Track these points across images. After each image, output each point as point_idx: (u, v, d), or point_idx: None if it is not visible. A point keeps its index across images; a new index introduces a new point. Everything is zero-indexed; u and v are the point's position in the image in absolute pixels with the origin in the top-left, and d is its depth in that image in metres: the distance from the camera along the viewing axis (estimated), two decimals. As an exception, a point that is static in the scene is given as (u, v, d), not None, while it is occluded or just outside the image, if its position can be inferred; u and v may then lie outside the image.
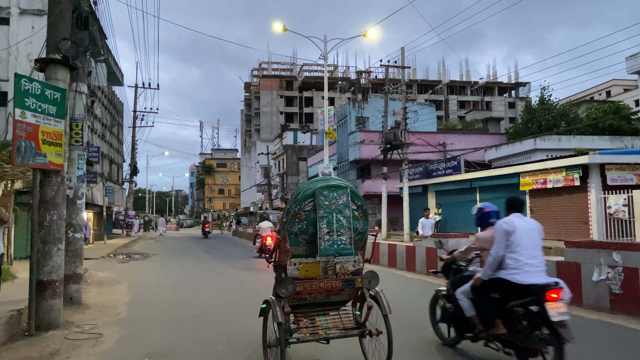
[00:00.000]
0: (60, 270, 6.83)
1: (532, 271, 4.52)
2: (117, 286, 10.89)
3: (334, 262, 4.48)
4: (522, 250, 4.56)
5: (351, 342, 4.90)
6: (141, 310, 7.97)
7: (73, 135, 8.50)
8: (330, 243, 4.42)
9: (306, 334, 4.45)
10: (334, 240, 4.43)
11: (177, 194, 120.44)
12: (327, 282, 4.50)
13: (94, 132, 26.92)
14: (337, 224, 4.44)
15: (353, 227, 4.51)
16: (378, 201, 32.02)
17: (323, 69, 72.11)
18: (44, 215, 6.72)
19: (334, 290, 4.57)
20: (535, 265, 4.56)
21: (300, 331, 4.46)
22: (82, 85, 8.60)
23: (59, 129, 6.75)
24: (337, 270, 4.51)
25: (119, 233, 36.11)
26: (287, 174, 53.22)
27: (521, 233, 4.61)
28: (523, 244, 4.58)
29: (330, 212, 4.44)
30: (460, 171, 22.85)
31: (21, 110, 6.17)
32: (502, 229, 4.68)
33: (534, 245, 4.63)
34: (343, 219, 4.46)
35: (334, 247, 4.43)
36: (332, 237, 4.42)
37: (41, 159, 6.42)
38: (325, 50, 17.76)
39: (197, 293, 9.61)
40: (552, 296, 4.28)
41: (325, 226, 4.41)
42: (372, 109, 32.48)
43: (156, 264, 15.82)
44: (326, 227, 4.41)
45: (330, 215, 4.43)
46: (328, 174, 17.59)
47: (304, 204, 4.48)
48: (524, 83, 78.49)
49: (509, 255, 4.61)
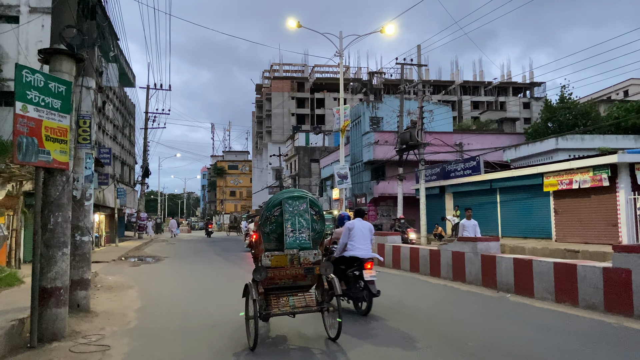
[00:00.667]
0: (65, 276, 6.34)
1: (359, 249, 7.34)
2: (127, 291, 10.42)
3: (298, 254, 5.70)
4: (355, 239, 7.40)
5: (316, 317, 6.46)
6: (152, 319, 7.47)
7: (80, 132, 8.04)
8: (293, 239, 5.68)
9: (277, 309, 5.74)
10: (296, 237, 5.70)
11: (189, 196, 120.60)
12: (292, 269, 5.76)
13: (105, 134, 26.66)
14: (298, 225, 5.74)
15: (312, 228, 5.80)
16: (393, 203, 31.35)
17: (335, 70, 71.34)
18: (47, 217, 6.24)
19: (299, 276, 5.86)
20: (362, 248, 7.37)
21: (273, 307, 5.76)
22: (90, 80, 8.14)
23: (64, 125, 6.28)
24: (301, 260, 5.73)
25: (131, 235, 35.86)
26: (299, 175, 52.72)
27: (357, 230, 7.46)
28: (357, 236, 7.41)
29: (293, 216, 5.75)
30: (480, 172, 22.13)
31: (22, 104, 5.70)
32: (346, 227, 7.57)
33: (364, 237, 7.43)
34: (303, 221, 5.77)
35: (297, 242, 5.69)
36: (294, 234, 5.70)
37: (44, 157, 5.94)
38: (340, 46, 17.21)
39: (212, 300, 9.10)
40: (367, 265, 7.17)
41: (289, 226, 5.70)
42: (387, 109, 31.86)
43: (168, 268, 15.36)
44: (290, 227, 5.71)
45: (293, 218, 5.74)
46: (344, 174, 17.02)
47: (273, 210, 5.78)
48: (539, 83, 77.27)
49: (349, 243, 7.47)
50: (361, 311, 7.28)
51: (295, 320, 6.52)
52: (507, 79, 77.87)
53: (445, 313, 7.33)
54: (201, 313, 7.79)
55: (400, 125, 25.52)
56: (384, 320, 6.88)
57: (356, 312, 7.40)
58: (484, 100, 75.97)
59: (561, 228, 18.18)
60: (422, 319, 6.88)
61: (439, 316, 7.11)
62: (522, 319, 6.84)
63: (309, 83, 75.51)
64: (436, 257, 10.85)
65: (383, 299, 8.57)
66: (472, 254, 9.59)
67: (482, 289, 9.22)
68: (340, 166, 17.04)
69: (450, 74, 79.26)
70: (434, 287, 9.76)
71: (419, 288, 9.66)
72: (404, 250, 12.32)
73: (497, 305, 7.81)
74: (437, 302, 8.25)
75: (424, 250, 11.48)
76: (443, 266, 10.61)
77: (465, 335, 5.88)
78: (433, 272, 10.94)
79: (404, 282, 10.53)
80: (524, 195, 20.06)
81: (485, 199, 22.26)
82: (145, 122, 34.21)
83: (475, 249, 9.49)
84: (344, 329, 5.79)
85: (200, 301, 9.01)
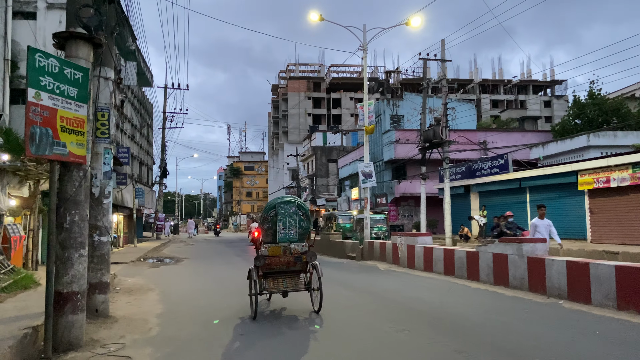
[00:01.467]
0: (82, 280, 5.82)
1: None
2: (147, 294, 9.92)
3: (289, 246, 7.28)
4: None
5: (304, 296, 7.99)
6: (175, 326, 6.92)
7: (99, 126, 7.55)
8: (284, 235, 7.27)
9: (272, 289, 7.31)
10: (286, 233, 7.28)
11: (206, 197, 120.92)
12: (285, 258, 7.35)
13: (123, 133, 26.41)
14: (288, 224, 7.29)
15: (299, 225, 7.34)
16: (414, 203, 30.57)
17: (351, 69, 70.54)
18: (63, 215, 5.73)
19: (290, 263, 7.46)
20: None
21: (269, 287, 7.32)
22: (109, 70, 7.64)
23: (81, 115, 5.76)
24: (292, 251, 7.30)
25: (149, 236, 35.66)
26: (316, 175, 52.11)
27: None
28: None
29: (285, 217, 7.29)
30: (508, 170, 21.26)
31: (35, 91, 5.19)
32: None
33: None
34: (292, 221, 7.30)
35: (287, 237, 7.28)
36: (285, 231, 7.28)
37: (60, 150, 5.43)
38: (364, 40, 16.54)
39: (237, 305, 8.53)
40: None
41: (281, 225, 7.27)
42: (408, 106, 31.08)
43: (188, 269, 14.88)
44: (282, 225, 7.27)
45: (285, 218, 7.29)
46: (369, 173, 16.35)
47: (270, 212, 7.40)
48: (560, 81, 75.59)
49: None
50: None
51: (288, 298, 7.94)
52: (527, 77, 76.33)
53: (497, 322, 6.63)
54: (228, 319, 7.22)
55: (423, 123, 24.72)
56: (428, 329, 6.23)
57: None
58: (504, 99, 74.66)
59: (597, 228, 17.27)
60: (472, 329, 6.19)
61: (491, 326, 6.41)
62: (585, 329, 6.12)
63: (325, 83, 74.89)
64: (474, 260, 10.13)
65: (422, 304, 7.91)
66: (516, 256, 8.86)
67: (529, 294, 8.48)
68: (365, 164, 16.36)
69: (469, 72, 78.03)
70: (474, 292, 9.04)
71: (458, 293, 8.95)
72: (437, 252, 11.60)
73: (552, 313, 7.08)
74: (482, 309, 7.54)
75: (459, 251, 10.76)
76: (482, 269, 9.88)
77: (527, 350, 5.20)
78: (470, 276, 10.22)
79: (439, 286, 9.84)
80: (556, 194, 19.15)
81: (513, 198, 21.38)
82: (163, 122, 33.96)
83: (520, 251, 8.75)
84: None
85: (225, 306, 8.45)
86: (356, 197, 36.72)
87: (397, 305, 7.91)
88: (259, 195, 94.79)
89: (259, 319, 7.00)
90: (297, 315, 7.28)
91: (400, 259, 13.51)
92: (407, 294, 9.03)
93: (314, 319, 6.95)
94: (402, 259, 13.38)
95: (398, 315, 7.17)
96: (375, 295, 9.06)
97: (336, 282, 11.10)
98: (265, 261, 7.23)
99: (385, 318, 6.96)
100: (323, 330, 6.37)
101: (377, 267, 13.98)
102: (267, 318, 7.20)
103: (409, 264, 12.93)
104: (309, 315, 7.27)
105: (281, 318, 7.18)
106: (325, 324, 6.75)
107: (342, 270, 13.72)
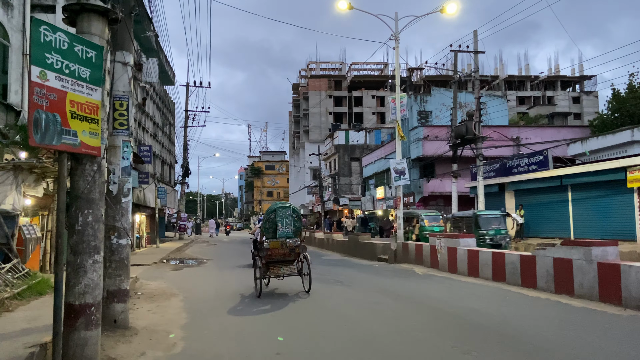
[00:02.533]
0: (97, 290, 5.04)
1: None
2: (171, 300, 9.17)
3: (286, 241, 9.35)
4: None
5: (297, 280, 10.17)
6: (202, 340, 6.12)
7: (116, 116, 6.79)
8: (282, 231, 9.38)
9: (273, 274, 9.53)
10: (284, 230, 9.39)
11: (227, 196, 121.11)
12: (282, 250, 9.38)
13: (145, 131, 25.94)
14: (285, 223, 9.43)
15: (293, 225, 9.50)
16: (443, 202, 29.38)
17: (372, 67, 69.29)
18: (75, 215, 4.97)
19: (287, 254, 9.50)
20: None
21: (270, 273, 9.52)
22: (127, 54, 6.89)
23: (95, 100, 4.99)
24: (288, 245, 9.35)
25: (172, 236, 35.25)
26: (339, 174, 51.12)
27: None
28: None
29: (282, 218, 9.44)
30: (548, 167, 19.98)
31: (40, 70, 4.43)
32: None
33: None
34: (288, 221, 9.45)
35: (284, 233, 9.39)
36: (283, 229, 9.39)
37: (70, 139, 4.66)
38: (396, 29, 15.55)
39: (269, 317, 7.71)
40: None
41: (279, 224, 9.39)
42: (436, 102, 29.92)
43: (212, 272, 14.14)
44: (280, 224, 9.39)
45: (282, 219, 9.43)
46: (402, 170, 15.35)
47: (270, 214, 9.53)
48: (589, 76, 73.13)
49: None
50: None
51: (284, 281, 10.52)
52: (555, 73, 74.05)
53: (578, 340, 5.61)
54: (261, 334, 6.38)
55: (454, 118, 23.61)
56: (500, 350, 5.26)
57: None
58: (530, 95, 72.66)
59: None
60: (555, 351, 5.19)
61: (574, 346, 5.40)
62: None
63: (347, 81, 73.89)
64: (530, 265, 9.07)
65: (480, 317, 6.93)
66: (583, 262, 7.80)
67: (600, 304, 7.42)
68: (398, 160, 15.36)
69: (494, 69, 76.05)
70: (534, 302, 8.00)
71: (516, 303, 7.93)
72: (484, 255, 10.55)
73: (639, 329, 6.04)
74: (553, 323, 6.50)
75: (511, 255, 9.70)
76: (540, 275, 8.82)
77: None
78: (526, 283, 9.15)
79: (492, 294, 8.83)
80: (601, 192, 17.83)
81: (554, 196, 20.09)
82: (185, 120, 33.47)
83: (588, 256, 7.69)
84: None
85: (257, 316, 7.63)
86: (381, 196, 35.64)
87: (450, 318, 6.95)
88: (280, 195, 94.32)
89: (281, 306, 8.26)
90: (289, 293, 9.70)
91: (439, 263, 12.49)
92: (457, 303, 8.05)
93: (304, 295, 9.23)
94: (442, 263, 12.35)
95: (456, 330, 6.21)
96: (421, 304, 8.12)
97: (374, 287, 10.17)
98: (266, 252, 9.31)
99: (441, 334, 6.03)
100: (370, 344, 5.48)
101: (413, 270, 12.99)
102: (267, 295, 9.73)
103: (450, 268, 11.90)
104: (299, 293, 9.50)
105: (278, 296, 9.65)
106: (372, 338, 5.87)
107: (377, 274, 12.79)
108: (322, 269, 14.68)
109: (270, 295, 9.56)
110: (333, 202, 49.57)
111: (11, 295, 7.93)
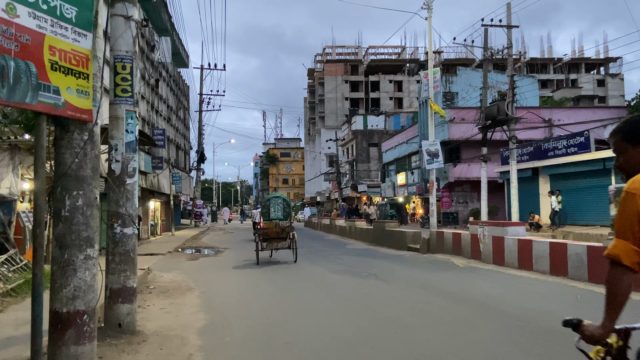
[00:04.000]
0: (90, 293, 3.96)
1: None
2: (186, 296, 8.13)
3: (279, 222, 12.99)
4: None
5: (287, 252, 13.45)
6: (224, 350, 5.04)
7: (118, 81, 5.67)
8: (274, 215, 13.18)
9: (268, 247, 12.94)
10: (275, 214, 13.22)
11: (242, 184, 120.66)
12: (276, 229, 12.78)
13: (159, 114, 24.93)
14: (276, 209, 13.31)
15: (283, 210, 13.36)
16: (470, 188, 28.00)
17: (390, 50, 67.17)
18: (61, 198, 3.88)
19: (279, 232, 12.77)
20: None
21: (266, 246, 12.88)
22: (130, 6, 5.74)
23: (83, 49, 3.85)
24: (280, 225, 12.87)
25: (187, 224, 34.47)
26: (357, 160, 49.81)
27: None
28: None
29: (275, 205, 13.40)
30: (589, 149, 18.51)
31: (7, 1, 3.29)
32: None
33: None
34: (279, 207, 13.38)
35: (276, 216, 13.17)
36: (274, 213, 13.23)
37: (49, 97, 3.54)
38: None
39: (303, 317, 6.61)
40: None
41: (272, 209, 13.31)
42: (462, 83, 28.37)
43: (231, 263, 13.10)
44: (273, 209, 13.31)
45: (275, 206, 13.37)
46: (435, 152, 14.10)
47: (266, 202, 13.70)
48: (614, 58, 70.24)
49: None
50: None
51: (278, 254, 13.82)
52: (579, 55, 71.28)
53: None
54: (296, 342, 5.27)
55: (484, 99, 22.12)
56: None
57: None
58: (554, 79, 70.20)
59: None
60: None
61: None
62: None
63: (363, 66, 72.11)
64: (600, 257, 7.80)
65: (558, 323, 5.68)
66: None
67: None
68: (430, 142, 14.10)
69: (516, 51, 73.40)
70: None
71: (594, 304, 6.64)
72: (539, 245, 9.26)
73: None
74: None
75: (577, 246, 8.40)
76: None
77: None
78: (594, 278, 7.87)
79: (558, 292, 7.59)
80: (652, 176, 16.34)
81: (595, 181, 18.63)
82: (200, 104, 32.41)
83: None
84: None
85: (287, 318, 6.52)
86: (402, 182, 34.32)
87: (525, 324, 5.69)
88: (295, 182, 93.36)
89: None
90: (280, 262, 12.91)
91: (482, 253, 11.23)
92: (525, 304, 6.80)
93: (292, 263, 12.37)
94: (486, 253, 11.10)
95: (543, 344, 4.98)
96: (476, 304, 6.91)
97: (415, 283, 8.98)
98: (263, 231, 12.66)
99: (527, 350, 4.81)
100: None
101: (452, 262, 11.75)
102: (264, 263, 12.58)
103: (496, 260, 10.64)
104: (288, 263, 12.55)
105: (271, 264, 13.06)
106: (434, 353, 4.70)
107: (412, 266, 11.60)
108: (350, 259, 13.54)
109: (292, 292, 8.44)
110: (351, 189, 48.36)
111: (4, 291, 6.96)
